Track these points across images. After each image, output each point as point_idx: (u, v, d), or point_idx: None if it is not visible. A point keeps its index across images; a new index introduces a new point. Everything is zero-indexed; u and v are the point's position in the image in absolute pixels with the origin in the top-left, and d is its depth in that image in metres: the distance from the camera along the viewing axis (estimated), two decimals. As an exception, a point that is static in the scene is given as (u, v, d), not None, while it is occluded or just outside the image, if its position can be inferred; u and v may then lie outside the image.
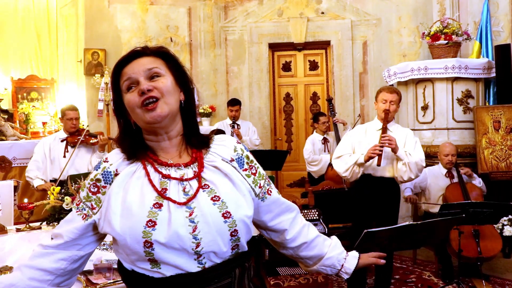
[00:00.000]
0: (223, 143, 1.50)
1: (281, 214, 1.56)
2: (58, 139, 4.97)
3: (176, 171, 1.39)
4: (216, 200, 1.34)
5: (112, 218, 1.31)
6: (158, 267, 1.28)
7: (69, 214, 1.43)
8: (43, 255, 1.38)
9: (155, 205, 1.30)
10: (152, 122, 1.35)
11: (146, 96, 1.34)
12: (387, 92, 3.97)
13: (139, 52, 1.43)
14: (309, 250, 1.59)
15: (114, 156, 1.43)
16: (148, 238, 1.25)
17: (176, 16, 7.41)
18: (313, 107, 7.61)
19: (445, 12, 6.29)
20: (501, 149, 5.49)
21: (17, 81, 6.92)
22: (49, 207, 2.95)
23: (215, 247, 1.30)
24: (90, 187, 1.39)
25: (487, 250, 4.25)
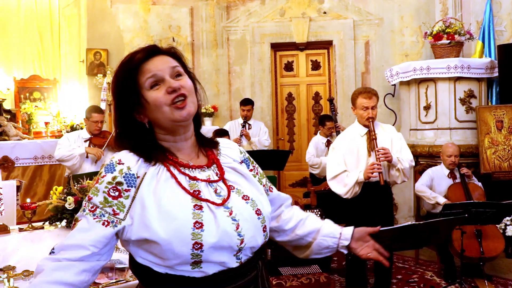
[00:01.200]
0: (229, 146, 1.57)
1: (280, 205, 1.65)
2: (82, 138, 5.00)
3: (200, 172, 1.40)
4: (246, 199, 1.40)
5: (152, 223, 1.26)
6: (199, 266, 1.28)
7: (81, 223, 1.31)
8: (65, 268, 1.26)
9: (195, 207, 1.30)
10: (181, 120, 1.35)
11: (177, 94, 1.34)
12: (366, 98, 3.80)
13: (155, 49, 1.41)
14: (306, 226, 1.61)
15: (128, 158, 1.36)
16: (198, 240, 1.25)
17: (178, 16, 7.41)
18: (315, 107, 7.60)
19: (447, 11, 6.28)
20: (503, 149, 5.48)
21: (19, 81, 6.93)
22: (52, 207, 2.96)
23: (254, 242, 1.37)
24: (109, 191, 1.30)
25: (489, 250, 4.24)
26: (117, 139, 1.43)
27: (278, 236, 1.64)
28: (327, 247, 1.58)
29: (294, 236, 1.61)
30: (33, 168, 6.13)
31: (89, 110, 5.08)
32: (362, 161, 3.79)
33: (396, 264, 4.99)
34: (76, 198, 2.90)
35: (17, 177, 5.49)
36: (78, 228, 1.30)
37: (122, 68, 1.40)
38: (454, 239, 4.24)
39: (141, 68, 1.36)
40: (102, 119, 5.06)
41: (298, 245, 1.63)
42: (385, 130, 3.94)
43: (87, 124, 5.07)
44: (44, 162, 6.18)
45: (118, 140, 1.42)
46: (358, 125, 3.94)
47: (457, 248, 4.18)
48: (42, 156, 6.17)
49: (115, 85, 1.40)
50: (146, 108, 1.36)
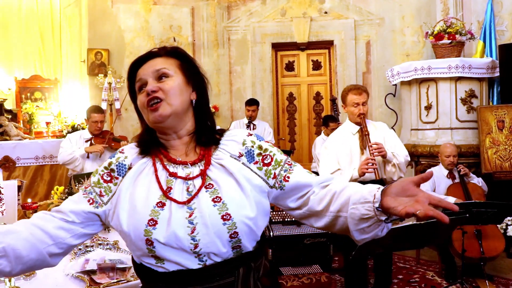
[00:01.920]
0: (233, 138, 1.48)
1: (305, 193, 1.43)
2: (83, 138, 5.04)
3: (183, 169, 1.41)
4: (217, 201, 1.32)
5: (121, 213, 1.35)
6: (162, 262, 1.32)
7: (75, 195, 1.45)
8: (47, 219, 1.38)
9: (158, 204, 1.33)
10: (154, 122, 1.40)
11: (150, 97, 1.39)
12: (356, 94, 3.76)
13: (153, 53, 1.48)
14: (339, 198, 1.34)
15: (129, 149, 1.48)
16: (149, 237, 1.29)
17: (179, 16, 7.42)
18: (316, 107, 7.60)
19: (448, 11, 6.28)
20: (505, 148, 5.47)
21: (20, 81, 6.94)
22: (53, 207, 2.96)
23: (214, 248, 1.30)
24: (104, 175, 1.42)
25: (490, 250, 4.24)
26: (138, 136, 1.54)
27: (315, 221, 1.42)
28: (361, 217, 1.26)
29: (329, 216, 1.36)
30: (34, 168, 6.14)
31: (89, 110, 5.11)
32: (355, 159, 3.74)
33: (397, 264, 4.99)
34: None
35: (18, 177, 5.50)
36: (70, 197, 1.46)
37: (127, 73, 1.53)
38: (454, 239, 4.24)
39: (137, 73, 1.47)
40: (102, 119, 5.06)
41: (342, 227, 1.34)
42: (377, 128, 3.89)
43: (88, 124, 5.10)
44: (45, 162, 6.19)
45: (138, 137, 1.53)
46: (349, 123, 3.89)
47: (457, 248, 4.17)
48: (43, 156, 6.18)
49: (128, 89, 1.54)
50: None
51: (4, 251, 1.28)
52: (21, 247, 1.30)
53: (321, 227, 1.41)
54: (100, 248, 2.59)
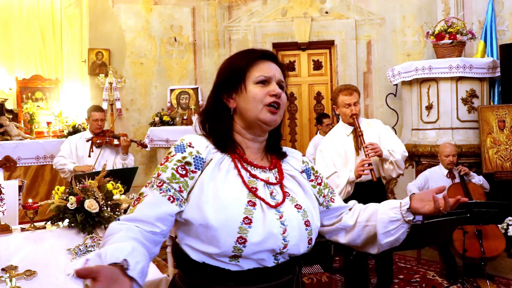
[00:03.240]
0: (293, 155, 1.62)
1: (341, 213, 1.64)
2: (84, 139, 5.08)
3: (261, 173, 1.45)
4: (299, 208, 1.43)
5: (205, 207, 1.31)
6: (237, 260, 1.31)
7: (148, 197, 1.34)
8: (141, 234, 1.28)
9: (249, 203, 1.34)
10: (266, 122, 1.43)
11: (276, 100, 1.43)
12: (346, 95, 3.74)
13: (272, 55, 1.52)
14: (366, 211, 1.60)
15: (198, 142, 1.43)
16: (244, 235, 1.28)
17: (180, 16, 7.42)
18: (317, 107, 7.60)
19: (449, 11, 6.28)
20: (505, 148, 5.47)
21: (21, 81, 6.95)
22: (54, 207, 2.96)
23: (297, 250, 1.39)
24: (178, 169, 1.36)
25: (490, 250, 4.24)
26: (200, 116, 1.52)
27: (344, 235, 1.62)
28: (390, 220, 1.51)
29: (358, 227, 1.58)
30: (35, 168, 6.15)
31: (89, 110, 5.16)
32: (351, 161, 3.71)
33: (398, 264, 4.99)
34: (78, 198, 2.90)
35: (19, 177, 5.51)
36: (144, 203, 1.33)
37: (241, 55, 1.50)
38: (455, 239, 4.24)
39: (256, 63, 1.47)
40: (103, 117, 5.08)
41: (367, 237, 1.58)
42: (371, 125, 3.86)
43: (88, 124, 5.12)
44: (46, 162, 6.20)
45: (201, 117, 1.52)
46: (342, 124, 3.86)
47: (458, 248, 4.17)
48: (44, 156, 6.19)
49: (225, 66, 1.51)
50: (241, 96, 1.44)
51: (142, 272, 1.17)
52: (146, 261, 1.22)
53: (347, 241, 1.62)
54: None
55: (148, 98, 7.32)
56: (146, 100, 7.31)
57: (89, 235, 2.75)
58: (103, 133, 5.08)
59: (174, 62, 7.39)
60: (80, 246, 2.58)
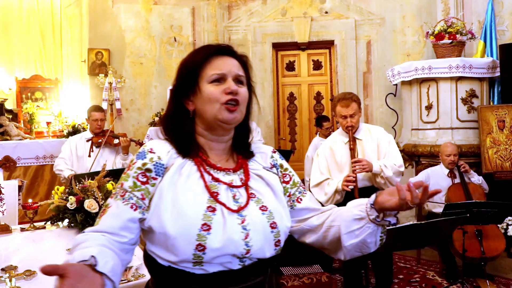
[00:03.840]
0: (261, 151, 1.56)
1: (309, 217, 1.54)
2: (84, 139, 5.09)
3: (224, 176, 1.41)
4: (264, 210, 1.38)
5: (163, 215, 1.28)
6: (201, 265, 1.28)
7: (111, 208, 1.32)
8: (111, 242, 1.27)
9: (208, 208, 1.30)
10: (226, 121, 1.38)
11: (232, 98, 1.37)
12: (344, 106, 3.66)
13: (229, 49, 1.45)
14: (334, 212, 1.49)
15: (159, 147, 1.40)
16: (202, 242, 1.25)
17: (180, 15, 7.42)
18: (317, 107, 7.60)
19: (449, 11, 6.28)
20: (505, 148, 5.47)
21: (21, 81, 6.94)
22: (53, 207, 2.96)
23: (261, 254, 1.34)
24: (138, 176, 1.33)
25: (490, 250, 4.23)
26: (161, 121, 1.48)
27: (309, 236, 1.53)
28: (354, 218, 1.39)
29: (324, 228, 1.47)
30: (35, 168, 6.15)
31: (89, 110, 5.17)
32: (346, 168, 3.68)
33: (397, 264, 4.99)
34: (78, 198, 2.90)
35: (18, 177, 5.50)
36: (108, 213, 1.32)
37: (193, 54, 1.45)
38: (455, 239, 4.24)
39: (210, 61, 1.41)
40: (102, 117, 5.09)
41: (333, 239, 1.45)
42: (372, 134, 3.80)
43: (88, 124, 5.13)
44: (45, 162, 6.20)
45: (162, 122, 1.47)
46: (341, 131, 3.84)
47: (458, 248, 4.17)
48: (44, 156, 6.19)
49: (180, 67, 1.45)
50: (197, 97, 1.40)
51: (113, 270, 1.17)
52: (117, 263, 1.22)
53: (312, 241, 1.52)
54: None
55: (148, 98, 7.32)
56: (146, 100, 7.31)
57: (88, 235, 2.74)
58: (103, 133, 5.09)
59: (174, 62, 7.38)
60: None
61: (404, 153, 5.90)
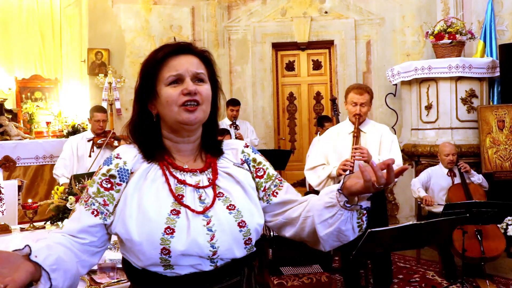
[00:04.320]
0: (232, 147, 1.52)
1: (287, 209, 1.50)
2: (85, 139, 5.08)
3: (191, 177, 1.39)
4: (231, 209, 1.35)
5: (128, 221, 1.28)
6: (172, 268, 1.28)
7: (75, 212, 1.35)
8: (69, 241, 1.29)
9: (172, 212, 1.29)
10: (186, 123, 1.35)
11: (190, 98, 1.34)
12: (357, 94, 3.67)
13: (187, 47, 1.41)
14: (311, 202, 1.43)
15: (126, 152, 1.39)
16: (166, 246, 1.25)
17: (179, 15, 7.41)
18: (317, 107, 7.60)
19: (449, 11, 6.28)
20: (505, 148, 5.47)
21: (21, 81, 6.94)
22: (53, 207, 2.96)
23: (230, 254, 1.32)
24: (102, 183, 1.33)
25: (490, 250, 4.24)
26: (128, 126, 1.45)
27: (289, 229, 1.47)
28: (325, 206, 1.34)
29: (300, 219, 1.42)
30: (35, 168, 6.14)
31: (91, 110, 5.17)
32: (345, 158, 3.66)
33: (397, 264, 4.99)
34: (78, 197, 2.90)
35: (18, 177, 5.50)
36: (71, 217, 1.35)
37: (150, 57, 1.41)
38: (455, 239, 4.24)
39: (166, 62, 1.37)
40: (105, 118, 5.10)
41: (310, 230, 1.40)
42: (377, 130, 3.81)
43: (90, 124, 5.13)
44: (45, 162, 6.20)
45: (128, 127, 1.44)
46: (348, 122, 3.84)
47: (458, 248, 4.17)
48: (44, 156, 6.18)
49: (140, 71, 1.43)
50: (157, 101, 1.38)
51: (57, 264, 1.17)
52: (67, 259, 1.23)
53: (291, 235, 1.47)
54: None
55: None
56: (146, 100, 7.29)
57: (88, 235, 2.74)
58: (105, 133, 5.08)
59: (174, 62, 7.37)
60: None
61: (404, 153, 5.89)
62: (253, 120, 7.27)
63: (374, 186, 1.23)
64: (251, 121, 7.14)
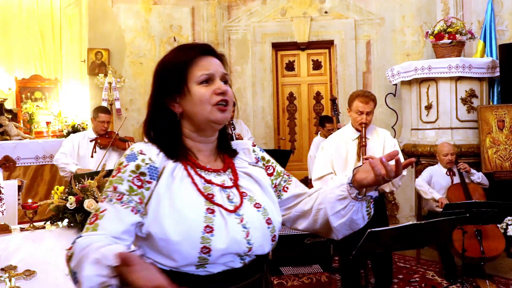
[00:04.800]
0: (243, 147, 1.56)
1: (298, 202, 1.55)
2: (87, 138, 5.02)
3: (215, 177, 1.40)
4: (258, 207, 1.39)
5: (164, 220, 1.26)
6: (204, 267, 1.28)
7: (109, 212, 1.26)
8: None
9: (208, 210, 1.29)
10: (218, 122, 1.38)
11: (223, 98, 1.37)
12: (362, 102, 3.70)
13: (212, 49, 1.44)
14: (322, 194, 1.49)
15: (148, 149, 1.36)
16: (207, 244, 1.25)
17: (179, 15, 7.41)
18: (317, 107, 7.60)
19: (449, 11, 6.27)
20: (505, 148, 5.47)
21: (21, 81, 6.94)
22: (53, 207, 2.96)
23: (262, 250, 1.36)
24: (134, 180, 1.29)
25: (490, 250, 4.24)
26: (144, 126, 1.44)
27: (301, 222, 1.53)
28: (337, 199, 1.41)
29: (313, 212, 1.48)
30: (35, 168, 6.14)
31: (96, 110, 5.11)
32: (350, 165, 3.67)
33: (397, 264, 4.99)
34: (78, 197, 2.90)
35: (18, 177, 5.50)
36: (107, 218, 1.26)
37: (176, 54, 1.42)
38: (455, 239, 4.24)
39: (195, 61, 1.39)
40: (109, 119, 5.08)
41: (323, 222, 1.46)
42: (379, 136, 3.83)
43: (93, 124, 5.09)
44: (45, 161, 6.20)
45: (145, 127, 1.43)
46: (351, 127, 3.84)
47: (457, 248, 4.17)
48: (44, 156, 6.18)
49: (162, 69, 1.43)
50: (186, 99, 1.38)
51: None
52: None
53: (305, 227, 1.53)
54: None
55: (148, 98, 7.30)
56: (146, 100, 7.08)
57: (88, 235, 2.74)
58: (108, 134, 5.05)
59: (174, 62, 7.38)
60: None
61: (404, 153, 5.89)
62: (253, 120, 7.27)
63: (384, 179, 1.31)
64: (251, 121, 7.15)
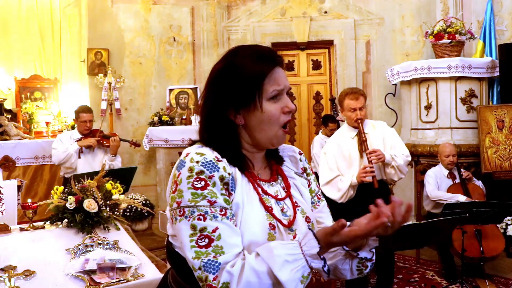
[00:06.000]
0: (289, 153, 1.48)
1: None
2: (73, 139, 5.03)
3: (269, 187, 1.35)
4: (308, 221, 1.35)
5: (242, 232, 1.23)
6: None
7: (223, 230, 1.19)
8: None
9: (270, 226, 1.26)
10: (279, 145, 1.34)
11: (290, 119, 1.31)
12: (353, 99, 3.68)
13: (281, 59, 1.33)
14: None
15: (217, 155, 1.27)
16: None
17: (179, 15, 7.41)
18: (316, 107, 7.60)
19: (448, 11, 6.28)
20: (504, 148, 5.47)
21: (20, 81, 6.94)
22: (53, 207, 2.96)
23: None
24: (225, 192, 1.23)
25: (490, 250, 4.24)
26: (203, 130, 1.33)
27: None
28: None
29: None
30: (34, 168, 6.14)
31: (77, 111, 5.12)
32: (355, 163, 3.71)
33: (397, 264, 4.99)
34: (77, 197, 2.90)
35: (18, 177, 5.50)
36: (225, 236, 1.19)
37: (251, 64, 1.28)
38: (454, 239, 4.24)
39: (270, 73, 1.28)
40: (91, 118, 5.08)
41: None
42: (376, 128, 3.85)
43: (76, 124, 5.10)
44: (45, 161, 6.19)
45: (205, 131, 1.32)
46: (347, 127, 3.85)
47: (457, 248, 4.17)
48: (43, 156, 6.18)
49: (233, 77, 1.29)
50: (253, 114, 1.28)
51: None
52: None
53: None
54: (100, 248, 2.58)
55: (147, 98, 7.31)
56: (145, 100, 7.31)
57: (88, 235, 2.74)
58: (92, 133, 5.05)
59: (173, 62, 7.38)
60: (79, 246, 2.58)
61: (403, 153, 5.89)
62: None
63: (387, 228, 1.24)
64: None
